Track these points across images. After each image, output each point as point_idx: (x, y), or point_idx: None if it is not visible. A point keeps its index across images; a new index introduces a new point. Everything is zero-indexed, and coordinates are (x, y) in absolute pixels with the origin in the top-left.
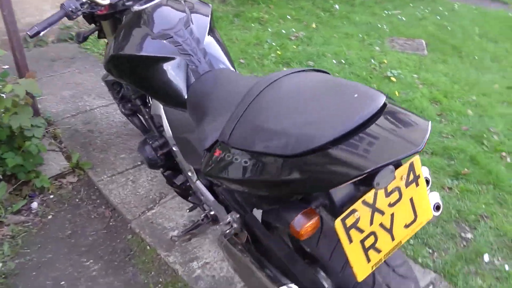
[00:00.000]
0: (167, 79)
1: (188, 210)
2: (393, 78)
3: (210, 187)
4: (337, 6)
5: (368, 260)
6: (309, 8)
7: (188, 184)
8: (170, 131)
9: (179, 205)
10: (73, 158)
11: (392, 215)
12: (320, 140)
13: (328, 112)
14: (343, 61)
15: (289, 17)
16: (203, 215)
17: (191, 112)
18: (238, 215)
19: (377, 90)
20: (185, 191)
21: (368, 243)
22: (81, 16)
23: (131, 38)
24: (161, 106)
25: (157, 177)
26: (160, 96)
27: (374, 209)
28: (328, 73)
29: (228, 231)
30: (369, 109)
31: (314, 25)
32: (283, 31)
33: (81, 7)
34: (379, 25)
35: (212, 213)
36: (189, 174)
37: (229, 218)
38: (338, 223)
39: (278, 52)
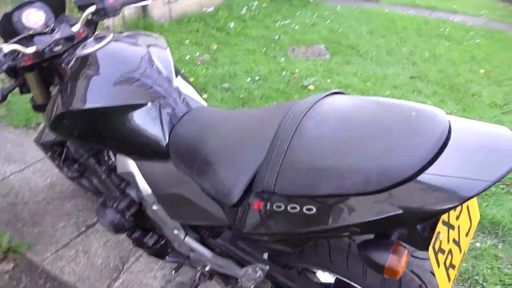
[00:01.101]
0: (141, 128)
1: (173, 271)
2: (310, 86)
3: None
4: (231, 24)
5: (449, 279)
6: (204, 30)
7: (163, 242)
8: (149, 189)
9: (147, 266)
10: (2, 241)
11: (459, 227)
12: (410, 169)
13: (396, 137)
14: (257, 78)
15: (187, 41)
16: (198, 273)
17: (179, 161)
18: (266, 266)
19: (424, 104)
20: (161, 250)
21: (448, 262)
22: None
23: (86, 89)
24: (132, 162)
25: (110, 240)
26: (131, 150)
27: (449, 226)
28: (344, 93)
29: (252, 285)
30: (440, 127)
31: (215, 46)
32: (187, 57)
33: (4, 60)
34: (276, 37)
35: (207, 268)
36: (175, 232)
37: (249, 271)
38: (431, 250)
39: (189, 79)
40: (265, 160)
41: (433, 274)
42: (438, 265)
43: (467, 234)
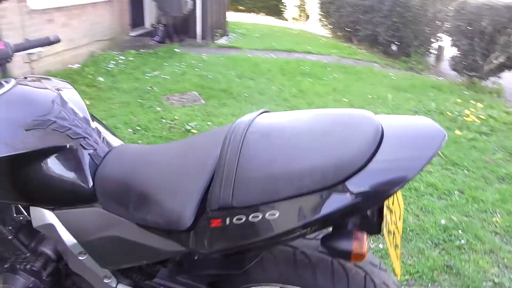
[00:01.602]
0: (61, 174)
1: None
2: (193, 130)
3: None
4: (101, 79)
5: (397, 257)
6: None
7: None
8: (73, 238)
9: None
10: None
11: (395, 212)
12: (360, 159)
13: (339, 135)
14: (138, 128)
15: None
16: None
17: (109, 202)
18: None
19: (351, 108)
20: None
21: (394, 242)
22: None
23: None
24: (50, 213)
25: None
26: (50, 199)
27: (390, 211)
28: (269, 111)
29: None
30: (374, 122)
31: (88, 102)
32: None
33: None
34: (148, 87)
35: None
36: (105, 281)
37: None
38: (385, 232)
39: None
40: (215, 179)
41: (373, 265)
42: (390, 245)
43: (400, 218)
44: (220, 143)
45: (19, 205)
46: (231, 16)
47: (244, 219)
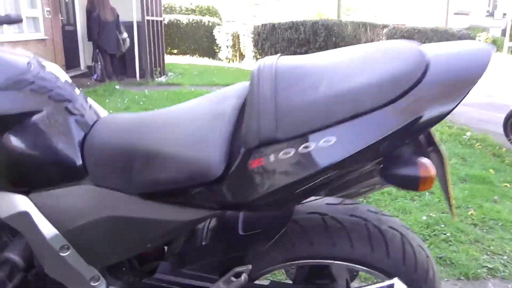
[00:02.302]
0: (38, 145)
1: None
2: None
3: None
4: None
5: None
6: None
7: None
8: (54, 228)
9: None
10: None
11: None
12: (415, 74)
13: (387, 55)
14: None
15: None
16: None
17: (104, 173)
18: (248, 267)
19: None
20: None
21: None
22: None
23: None
24: (23, 198)
25: None
26: (24, 179)
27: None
28: None
29: None
30: (417, 45)
31: None
32: None
33: None
34: None
35: None
36: (92, 284)
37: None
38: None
39: None
40: (247, 116)
41: (405, 228)
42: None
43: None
44: (233, 95)
45: None
46: (166, 59)
47: (293, 152)
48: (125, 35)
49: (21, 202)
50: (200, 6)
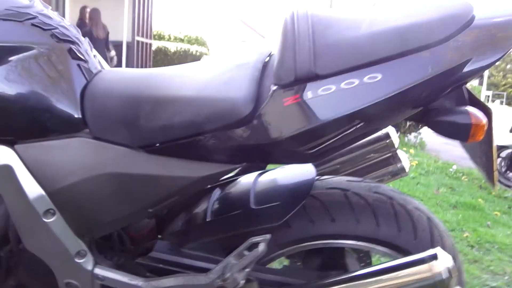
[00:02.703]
0: (32, 86)
1: None
2: None
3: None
4: None
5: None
6: None
7: None
8: (40, 187)
9: None
10: None
11: None
12: (467, 13)
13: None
14: None
15: None
16: None
17: (105, 124)
18: (266, 236)
19: None
20: None
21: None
22: None
23: None
24: (7, 149)
25: None
26: (10, 126)
27: None
28: None
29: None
30: None
31: None
32: None
33: None
34: None
35: None
36: (76, 260)
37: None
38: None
39: None
40: (281, 53)
41: (430, 212)
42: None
43: None
44: (254, 52)
45: None
46: None
47: (334, 88)
48: (113, 53)
49: (4, 154)
50: (188, 36)
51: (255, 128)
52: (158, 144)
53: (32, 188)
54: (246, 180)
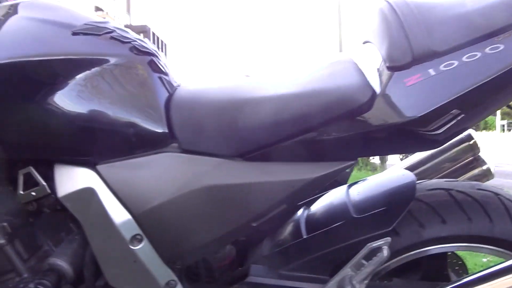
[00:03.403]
0: (114, 102)
1: None
2: None
3: None
4: None
5: None
6: None
7: None
8: (126, 211)
9: None
10: None
11: None
12: None
13: None
14: None
15: None
16: None
17: (196, 135)
18: (387, 239)
19: None
20: None
21: None
22: None
23: (25, 36)
24: (88, 172)
25: None
26: (92, 146)
27: None
28: None
29: None
30: None
31: None
32: None
33: None
34: None
35: None
36: None
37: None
38: None
39: None
40: (389, 39)
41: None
42: None
43: None
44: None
45: (31, 169)
46: None
47: (456, 62)
48: None
49: (85, 176)
50: None
51: (376, 114)
52: (259, 149)
53: (117, 212)
54: (335, 194)
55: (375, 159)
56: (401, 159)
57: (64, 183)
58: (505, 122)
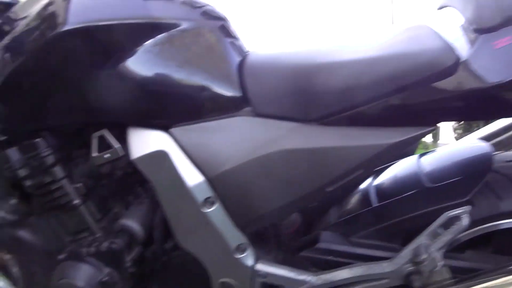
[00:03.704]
0: (186, 66)
1: None
2: None
3: None
4: None
5: None
6: None
7: None
8: (198, 173)
9: None
10: None
11: None
12: None
13: None
14: None
15: None
16: None
17: (272, 99)
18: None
19: None
20: None
21: None
22: None
23: (102, 2)
24: (159, 135)
25: None
26: (165, 109)
27: None
28: None
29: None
30: None
31: None
32: None
33: None
34: None
35: None
36: (236, 256)
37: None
38: None
39: None
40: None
41: None
42: None
43: None
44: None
45: (105, 132)
46: None
47: None
48: None
49: (158, 139)
50: None
51: (460, 78)
52: (336, 114)
53: (190, 175)
54: (404, 164)
55: (427, 138)
56: (456, 139)
57: (137, 146)
58: None
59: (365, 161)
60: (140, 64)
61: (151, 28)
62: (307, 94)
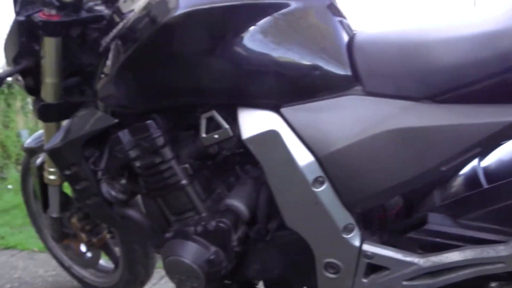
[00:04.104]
0: (299, 42)
1: None
2: None
3: None
4: None
5: None
6: None
7: None
8: (308, 153)
9: None
10: None
11: None
12: None
13: None
14: None
15: None
16: None
17: (385, 76)
18: None
19: None
20: None
21: None
22: None
23: None
24: (269, 115)
25: None
26: (275, 88)
27: None
28: None
29: None
30: None
31: None
32: None
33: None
34: None
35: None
36: (344, 236)
37: None
38: None
39: None
40: None
41: None
42: None
43: None
44: None
45: (214, 113)
46: None
47: None
48: None
49: (269, 119)
50: None
51: None
52: (452, 91)
53: (300, 154)
54: None
55: None
56: None
57: (248, 126)
58: None
59: (484, 139)
60: (251, 44)
61: (261, 9)
62: (421, 72)
